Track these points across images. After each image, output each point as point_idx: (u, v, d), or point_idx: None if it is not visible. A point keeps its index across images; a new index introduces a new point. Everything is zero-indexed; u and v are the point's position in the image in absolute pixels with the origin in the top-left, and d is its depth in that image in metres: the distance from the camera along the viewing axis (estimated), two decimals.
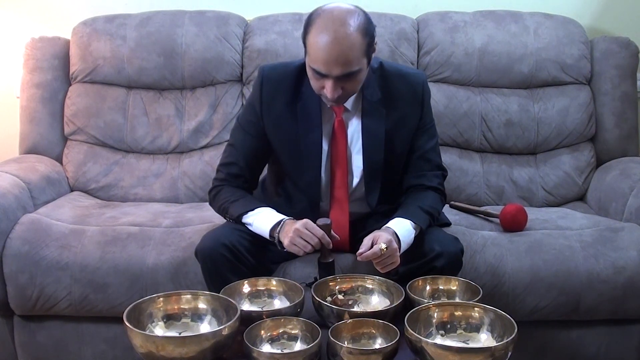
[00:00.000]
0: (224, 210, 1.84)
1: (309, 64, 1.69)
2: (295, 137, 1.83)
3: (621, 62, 2.49)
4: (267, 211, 1.78)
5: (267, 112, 1.83)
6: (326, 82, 1.67)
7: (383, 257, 1.63)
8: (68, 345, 2.07)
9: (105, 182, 2.45)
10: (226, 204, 1.82)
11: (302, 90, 1.82)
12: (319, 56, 1.64)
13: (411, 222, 1.74)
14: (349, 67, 1.65)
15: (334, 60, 1.63)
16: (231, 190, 1.85)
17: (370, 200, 1.88)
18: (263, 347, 1.44)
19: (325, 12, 1.67)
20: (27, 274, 1.96)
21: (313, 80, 1.72)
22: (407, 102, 1.85)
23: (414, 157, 1.88)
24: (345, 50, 1.63)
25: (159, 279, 1.96)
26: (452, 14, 2.54)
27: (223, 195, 1.85)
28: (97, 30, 2.49)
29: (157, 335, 1.42)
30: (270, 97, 1.83)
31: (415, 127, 1.87)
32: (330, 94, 1.68)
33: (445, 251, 1.72)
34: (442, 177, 1.92)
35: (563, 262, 1.97)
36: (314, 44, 1.64)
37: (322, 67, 1.64)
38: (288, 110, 1.82)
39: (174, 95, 2.51)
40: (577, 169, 2.47)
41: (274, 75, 1.84)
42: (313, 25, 1.66)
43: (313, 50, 1.65)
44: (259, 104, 1.84)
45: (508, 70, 2.48)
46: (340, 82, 1.67)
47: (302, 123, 1.82)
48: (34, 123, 2.48)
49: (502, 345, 1.33)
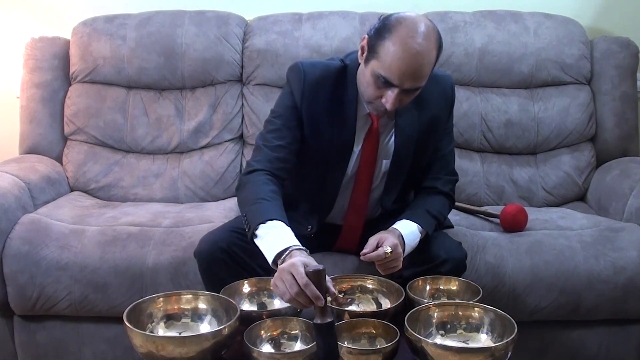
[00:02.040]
0: (245, 204, 1.65)
1: (375, 70, 1.59)
2: (328, 141, 1.77)
3: (621, 62, 2.49)
4: (277, 231, 1.55)
5: (307, 106, 1.75)
6: (389, 92, 1.60)
7: (386, 261, 1.62)
8: (68, 345, 2.07)
9: (105, 182, 2.45)
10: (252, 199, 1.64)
11: (341, 94, 1.76)
12: (394, 65, 1.56)
13: (418, 226, 1.73)
14: (420, 81, 1.60)
15: (411, 73, 1.57)
16: (264, 182, 1.67)
17: (385, 201, 1.87)
18: (263, 347, 1.44)
19: (407, 21, 1.58)
20: (27, 274, 1.96)
21: (371, 88, 1.63)
22: (437, 103, 1.82)
23: (434, 159, 1.86)
24: (423, 65, 1.57)
25: (159, 279, 1.96)
26: (452, 14, 2.54)
27: (256, 184, 1.66)
28: (97, 30, 2.49)
29: (157, 335, 1.42)
30: (311, 94, 1.75)
31: (443, 128, 1.85)
32: (391, 106, 1.60)
33: (450, 257, 1.71)
34: (454, 183, 1.91)
35: (563, 262, 1.97)
36: (392, 53, 1.56)
37: (396, 77, 1.57)
38: (325, 113, 1.76)
39: (174, 95, 2.51)
40: (577, 169, 2.47)
41: (316, 73, 1.76)
42: (392, 33, 1.57)
43: (389, 58, 1.56)
44: (300, 97, 1.75)
45: (508, 70, 2.48)
46: (402, 94, 1.61)
47: (338, 129, 1.77)
48: (34, 123, 2.48)
49: (502, 345, 1.33)
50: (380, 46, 1.58)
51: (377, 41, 1.59)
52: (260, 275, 1.71)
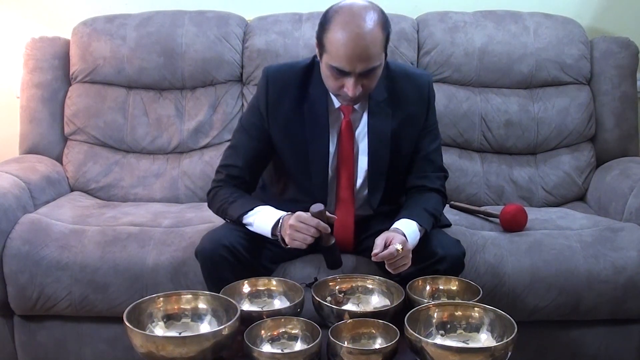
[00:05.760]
0: (223, 211, 1.82)
1: (327, 62, 1.65)
2: (302, 139, 1.81)
3: (621, 62, 2.49)
4: (265, 210, 1.75)
5: (273, 114, 1.81)
6: (347, 80, 1.65)
7: (397, 258, 1.62)
8: (68, 345, 2.07)
9: (105, 182, 2.45)
10: (225, 204, 1.81)
11: (309, 92, 1.80)
12: (341, 53, 1.61)
13: (417, 224, 1.73)
14: (372, 62, 1.63)
15: (358, 56, 1.60)
16: (229, 191, 1.83)
17: (372, 201, 1.88)
18: (263, 347, 1.44)
19: (343, 9, 1.64)
20: (27, 274, 1.96)
21: (330, 80, 1.69)
22: (413, 102, 1.84)
23: (417, 158, 1.88)
24: (368, 45, 1.61)
25: (159, 279, 1.96)
26: (452, 14, 2.54)
27: (221, 195, 1.83)
28: (97, 30, 2.49)
29: (157, 335, 1.43)
30: (276, 99, 1.80)
31: (421, 127, 1.86)
32: (351, 92, 1.65)
33: (448, 255, 1.72)
34: (443, 179, 1.91)
35: (563, 262, 1.97)
36: (335, 41, 1.61)
37: (345, 64, 1.62)
38: (294, 112, 1.80)
39: (174, 95, 2.51)
40: (577, 169, 2.47)
41: (280, 77, 1.82)
42: (332, 23, 1.63)
43: (334, 48, 1.62)
44: (264, 106, 1.81)
45: (508, 70, 2.48)
46: (361, 79, 1.65)
47: (310, 125, 1.80)
48: (34, 123, 2.48)
49: (502, 345, 1.33)
50: (325, 39, 1.65)
51: (322, 35, 1.66)
52: (262, 274, 1.72)
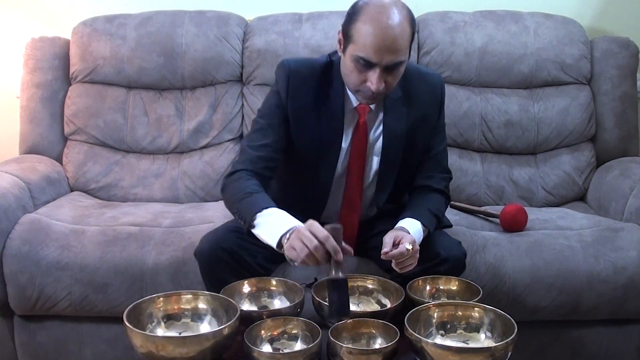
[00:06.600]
0: (233, 202, 1.69)
1: (353, 53, 1.63)
2: (316, 136, 1.79)
3: (621, 62, 2.49)
4: (277, 215, 1.60)
5: (292, 103, 1.78)
6: (371, 73, 1.63)
7: (406, 257, 1.61)
8: (68, 345, 2.07)
9: (105, 182, 2.45)
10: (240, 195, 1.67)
11: (328, 91, 1.78)
12: (368, 43, 1.59)
13: (421, 224, 1.73)
14: (398, 55, 1.62)
15: (387, 47, 1.59)
16: (251, 182, 1.70)
17: (378, 200, 1.87)
18: (263, 347, 1.44)
19: (373, 1, 1.63)
20: (27, 274, 1.96)
21: (354, 74, 1.66)
22: (426, 102, 1.84)
23: (426, 158, 1.88)
24: (397, 37, 1.59)
25: (159, 279, 1.96)
26: (452, 14, 2.54)
27: (242, 184, 1.69)
28: (97, 30, 2.49)
29: (157, 335, 1.42)
30: (296, 91, 1.78)
31: (433, 127, 1.86)
32: (375, 86, 1.63)
33: (450, 256, 1.72)
34: (448, 181, 1.92)
35: (563, 262, 1.97)
36: (364, 32, 1.59)
37: (373, 54, 1.60)
38: (312, 108, 1.78)
39: (174, 95, 2.51)
40: (577, 169, 2.47)
41: (301, 70, 1.79)
42: (361, 14, 1.61)
43: (362, 38, 1.60)
44: (285, 93, 1.77)
45: (508, 70, 2.48)
46: (385, 74, 1.64)
47: (325, 124, 1.79)
48: (34, 123, 2.48)
49: (502, 345, 1.33)
50: (353, 29, 1.62)
51: (350, 26, 1.64)
52: (261, 275, 1.71)
